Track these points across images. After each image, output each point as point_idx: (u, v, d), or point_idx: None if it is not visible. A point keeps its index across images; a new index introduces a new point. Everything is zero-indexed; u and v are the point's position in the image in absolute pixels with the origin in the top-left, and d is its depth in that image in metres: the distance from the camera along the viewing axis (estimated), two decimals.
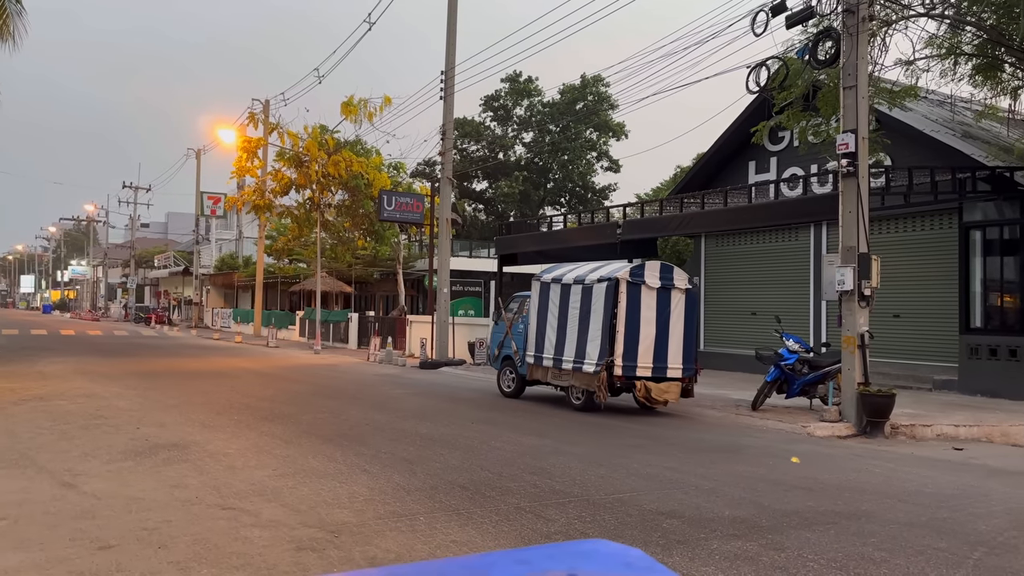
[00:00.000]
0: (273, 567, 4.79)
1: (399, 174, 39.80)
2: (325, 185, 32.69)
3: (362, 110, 30.79)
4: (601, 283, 12.31)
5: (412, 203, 29.21)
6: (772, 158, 21.08)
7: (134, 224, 61.34)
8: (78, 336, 36.01)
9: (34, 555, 4.94)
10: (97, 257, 79.33)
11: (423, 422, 11.05)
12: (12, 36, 17.15)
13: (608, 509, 6.35)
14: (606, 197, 47.94)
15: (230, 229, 56.64)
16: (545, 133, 46.80)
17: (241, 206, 36.09)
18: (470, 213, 48.08)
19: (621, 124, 45.62)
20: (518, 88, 46.46)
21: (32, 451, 8.30)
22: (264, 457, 8.26)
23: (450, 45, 22.26)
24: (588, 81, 45.32)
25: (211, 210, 45.39)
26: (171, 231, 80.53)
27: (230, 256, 53.08)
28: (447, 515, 6.03)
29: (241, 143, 33.98)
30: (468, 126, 46.03)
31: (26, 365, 19.52)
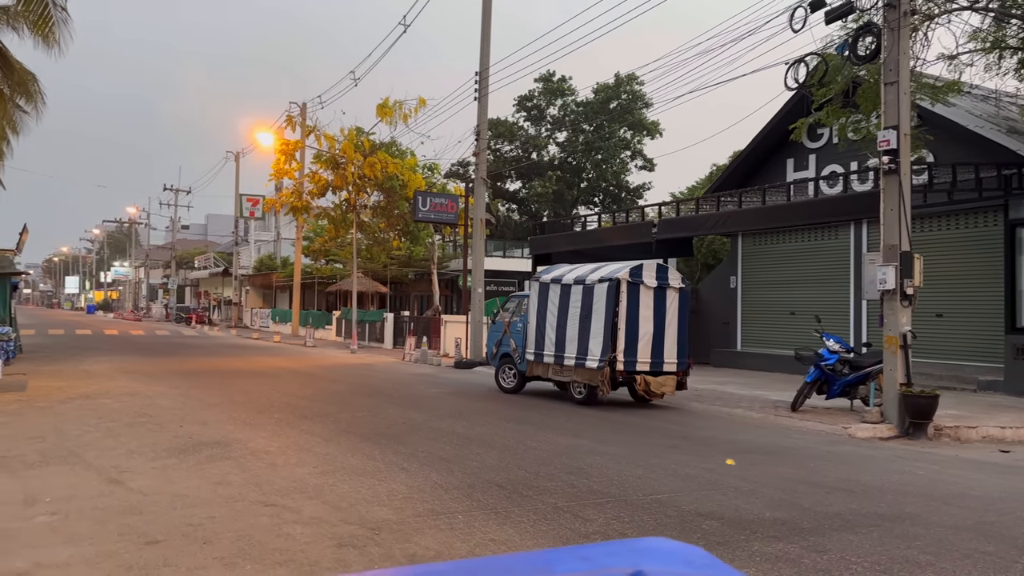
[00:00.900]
0: (315, 563, 4.86)
1: (433, 175, 40.02)
2: (361, 186, 33.00)
3: (397, 112, 31.05)
4: (602, 283, 12.90)
5: (446, 204, 29.34)
6: (811, 155, 20.79)
7: (175, 226, 62.53)
8: (121, 336, 36.80)
9: (84, 549, 5.08)
10: (139, 258, 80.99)
11: (459, 421, 11.11)
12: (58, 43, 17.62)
13: (646, 510, 6.33)
14: (640, 196, 47.67)
15: (268, 231, 57.43)
16: (579, 132, 46.70)
17: (279, 208, 36.58)
18: (503, 213, 48.16)
19: (655, 122, 45.34)
20: (551, 88, 46.41)
21: (80, 448, 8.52)
22: (304, 455, 8.38)
23: (484, 46, 22.32)
24: (622, 79, 45.11)
25: (250, 212, 46.03)
26: (211, 233, 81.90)
27: (268, 257, 53.83)
28: (485, 514, 6.06)
29: (279, 146, 34.44)
30: (501, 126, 46.12)
31: (72, 364, 20.01)
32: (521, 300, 15.43)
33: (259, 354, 26.10)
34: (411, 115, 31.14)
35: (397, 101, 30.99)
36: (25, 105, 26.30)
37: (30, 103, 25.90)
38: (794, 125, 16.96)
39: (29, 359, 21.13)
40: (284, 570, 4.74)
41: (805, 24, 12.59)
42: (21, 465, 7.62)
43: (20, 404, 12.15)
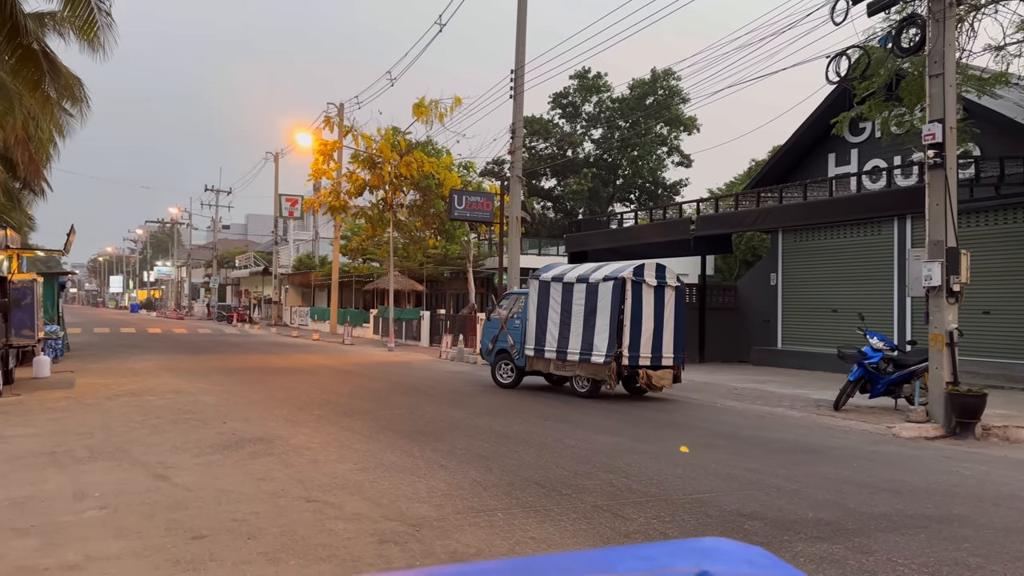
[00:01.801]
0: (358, 559, 4.91)
1: (469, 173, 40.14)
2: (397, 185, 33.23)
3: (433, 111, 31.20)
4: (607, 282, 13.47)
5: (482, 202, 29.41)
6: (853, 150, 20.43)
7: (216, 226, 63.60)
8: (164, 334, 37.54)
9: (133, 543, 5.19)
10: (181, 258, 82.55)
11: (496, 419, 11.13)
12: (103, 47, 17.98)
13: (687, 509, 6.28)
14: (677, 193, 47.25)
15: (307, 230, 58.12)
16: (614, 129, 46.44)
17: (318, 207, 37.00)
18: (538, 211, 48.11)
19: (693, 118, 44.92)
20: (587, 84, 46.21)
21: (127, 444, 8.71)
22: (345, 451, 8.47)
23: (520, 44, 22.31)
24: (658, 75, 44.76)
25: (289, 212, 46.61)
26: (251, 232, 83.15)
27: (307, 256, 54.48)
28: (524, 512, 6.07)
29: (317, 146, 34.82)
30: (537, 124, 46.05)
31: (117, 362, 20.47)
32: (517, 298, 15.84)
33: (299, 352, 26.43)
34: (447, 114, 31.29)
35: (433, 100, 31.16)
36: (71, 109, 27.00)
37: (76, 107, 26.53)
38: (835, 119, 16.67)
39: (76, 357, 21.66)
40: (327, 565, 4.79)
41: (847, 17, 12.37)
42: (71, 460, 7.82)
43: (69, 401, 12.46)
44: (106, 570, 4.67)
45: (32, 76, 18.27)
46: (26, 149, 24.02)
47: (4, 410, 11.36)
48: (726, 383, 16.51)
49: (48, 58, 18.77)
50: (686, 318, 22.75)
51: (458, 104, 31.18)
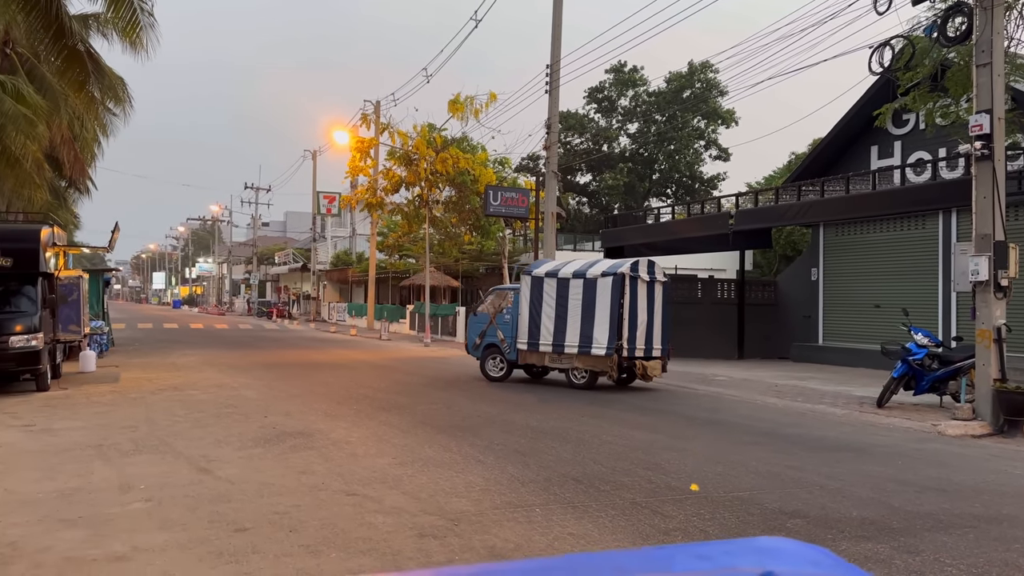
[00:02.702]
0: (398, 552, 4.93)
1: (504, 169, 40.16)
2: (433, 182, 33.39)
3: (468, 108, 31.24)
4: (606, 277, 13.99)
5: (517, 198, 29.41)
6: (896, 142, 20.00)
7: (256, 223, 64.50)
8: (206, 329, 38.20)
9: (177, 535, 5.28)
10: (222, 255, 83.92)
11: (532, 414, 11.12)
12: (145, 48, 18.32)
13: (728, 507, 6.20)
14: (715, 187, 46.73)
15: (344, 227, 58.67)
16: (650, 123, 46.06)
17: (355, 204, 37.31)
18: (573, 206, 47.94)
19: (731, 111, 44.33)
20: (623, 78, 45.88)
21: (170, 438, 8.88)
22: (383, 446, 8.53)
23: (555, 39, 22.23)
24: (695, 68, 44.27)
25: (326, 209, 47.11)
26: (289, 229, 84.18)
27: (344, 253, 55.00)
28: (562, 508, 6.05)
29: (354, 144, 35.11)
30: (572, 119, 45.86)
31: (160, 357, 20.87)
32: (506, 293, 16.14)
33: (337, 347, 26.70)
34: (482, 110, 31.30)
35: (468, 97, 31.20)
36: (114, 108, 27.57)
37: (119, 106, 27.09)
38: (878, 111, 16.31)
39: (121, 352, 22.13)
40: (367, 559, 4.83)
41: (890, 6, 12.11)
42: (117, 453, 7.99)
43: (114, 395, 12.74)
44: (152, 561, 4.76)
45: (77, 76, 18.71)
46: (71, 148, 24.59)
47: (52, 403, 11.65)
48: (766, 379, 16.30)
49: (92, 58, 19.22)
50: (725, 314, 22.73)
51: (493, 100, 31.16)
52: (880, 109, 16.27)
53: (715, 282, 24.37)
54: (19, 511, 5.82)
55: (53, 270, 14.58)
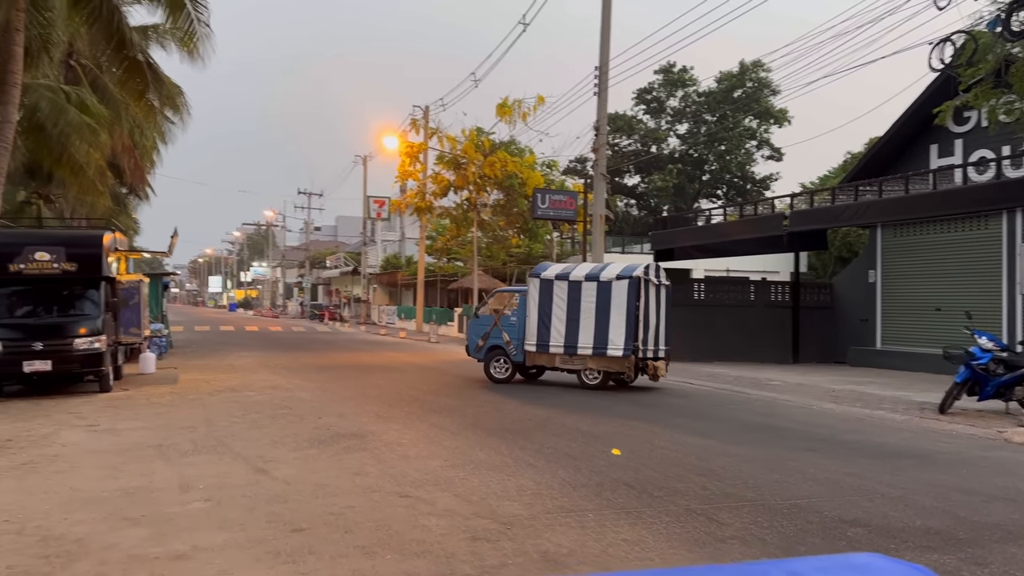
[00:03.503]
0: (451, 555, 4.94)
1: (552, 172, 40.12)
2: (481, 186, 33.53)
3: (516, 111, 31.31)
4: (620, 280, 14.31)
5: (566, 200, 29.35)
6: (957, 140, 19.40)
7: (308, 228, 65.65)
8: (261, 332, 38.96)
9: (236, 535, 5.38)
10: (275, 259, 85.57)
11: (582, 418, 11.06)
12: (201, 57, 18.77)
13: (785, 515, 6.07)
14: (767, 187, 45.91)
15: (393, 231, 59.27)
16: (700, 123, 45.50)
17: (404, 208, 37.68)
18: (622, 208, 47.62)
19: (783, 110, 43.52)
20: (672, 79, 45.43)
21: (228, 438, 9.06)
22: (435, 448, 8.57)
23: (604, 41, 22.12)
24: (747, 67, 43.60)
25: (376, 213, 47.67)
26: (340, 233, 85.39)
27: (394, 256, 55.57)
28: (616, 513, 5.99)
29: (404, 149, 35.46)
30: (620, 120, 45.57)
31: (218, 359, 21.34)
32: (510, 295, 16.21)
33: (387, 350, 26.97)
34: (530, 113, 31.34)
35: (516, 100, 31.25)
36: (172, 116, 28.34)
37: (177, 114, 27.87)
38: (938, 109, 15.86)
39: (179, 354, 22.70)
40: (422, 561, 4.85)
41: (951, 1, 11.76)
42: (176, 454, 8.18)
43: (173, 396, 13.06)
44: (211, 560, 4.85)
45: (137, 86, 19.24)
46: (132, 156, 25.36)
47: (114, 404, 12.00)
48: (822, 384, 15.94)
49: (151, 68, 19.73)
50: (779, 318, 22.31)
51: (541, 103, 31.20)
52: (940, 107, 15.82)
53: (768, 284, 23.95)
54: (85, 509, 5.99)
55: (115, 274, 15.02)
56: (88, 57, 23.94)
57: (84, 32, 19.66)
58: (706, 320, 21.91)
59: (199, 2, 16.59)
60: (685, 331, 21.55)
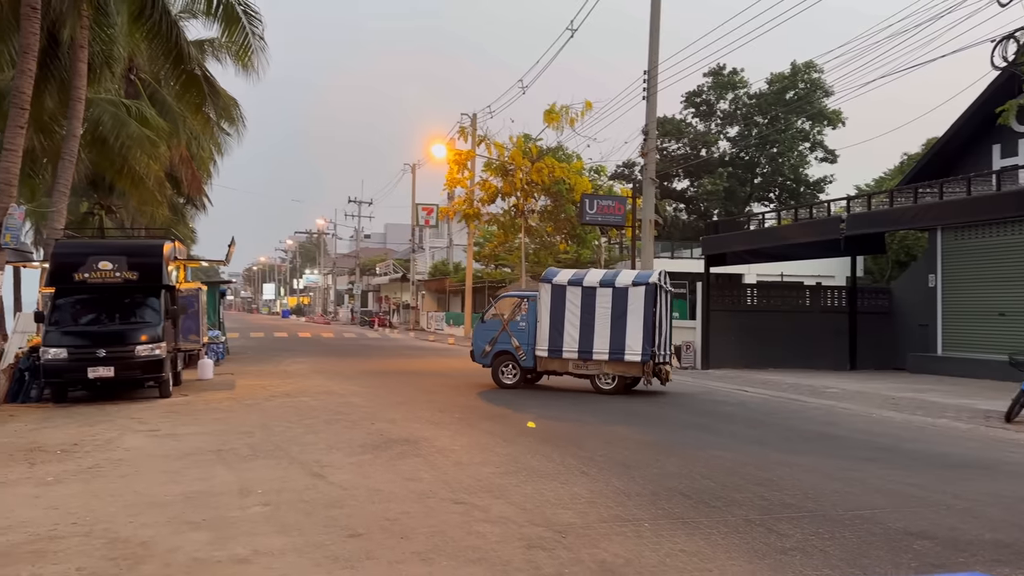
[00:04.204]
0: (507, 563, 4.93)
1: (599, 177, 39.97)
2: (529, 192, 33.58)
3: (564, 117, 31.32)
4: (637, 287, 14.52)
5: (614, 206, 29.18)
6: (1021, 140, 18.75)
7: (358, 236, 66.57)
8: (313, 338, 39.55)
9: (295, 539, 5.45)
10: (327, 266, 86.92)
11: (634, 426, 10.96)
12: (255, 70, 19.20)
13: (848, 526, 5.92)
14: (821, 190, 44.96)
15: (441, 237, 59.76)
16: (751, 126, 44.83)
17: (452, 215, 37.93)
18: (670, 213, 47.15)
19: (837, 111, 42.61)
20: (722, 81, 44.86)
21: (285, 443, 9.20)
22: (487, 454, 8.58)
23: (653, 44, 21.97)
24: (799, 68, 42.84)
25: (425, 220, 48.07)
26: (389, 241, 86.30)
27: (442, 263, 55.97)
28: (672, 523, 5.91)
29: (452, 156, 35.72)
30: (668, 124, 45.16)
31: (272, 365, 21.72)
32: (519, 301, 16.13)
33: (436, 355, 27.13)
34: (577, 119, 31.32)
35: (564, 106, 31.26)
36: (228, 128, 29.05)
37: (233, 126, 28.56)
38: (1002, 108, 15.36)
39: (235, 360, 23.16)
40: (478, 568, 4.85)
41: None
42: (235, 458, 8.34)
43: (231, 401, 13.33)
44: (271, 565, 4.92)
45: (194, 99, 19.76)
46: (189, 167, 26.05)
47: (174, 409, 12.29)
48: (881, 392, 15.52)
49: (208, 81, 20.26)
50: (835, 323, 21.82)
51: (588, 108, 31.14)
52: (1003, 106, 15.33)
53: (824, 289, 23.46)
54: (148, 512, 6.14)
55: (175, 283, 15.41)
56: (147, 71, 24.69)
57: (144, 47, 20.27)
58: (759, 326, 21.55)
59: (254, 16, 16.98)
60: (737, 337, 21.27)
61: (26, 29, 13.66)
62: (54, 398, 13.13)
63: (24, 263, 20.33)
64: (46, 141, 18.62)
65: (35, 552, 5.17)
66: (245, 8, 16.78)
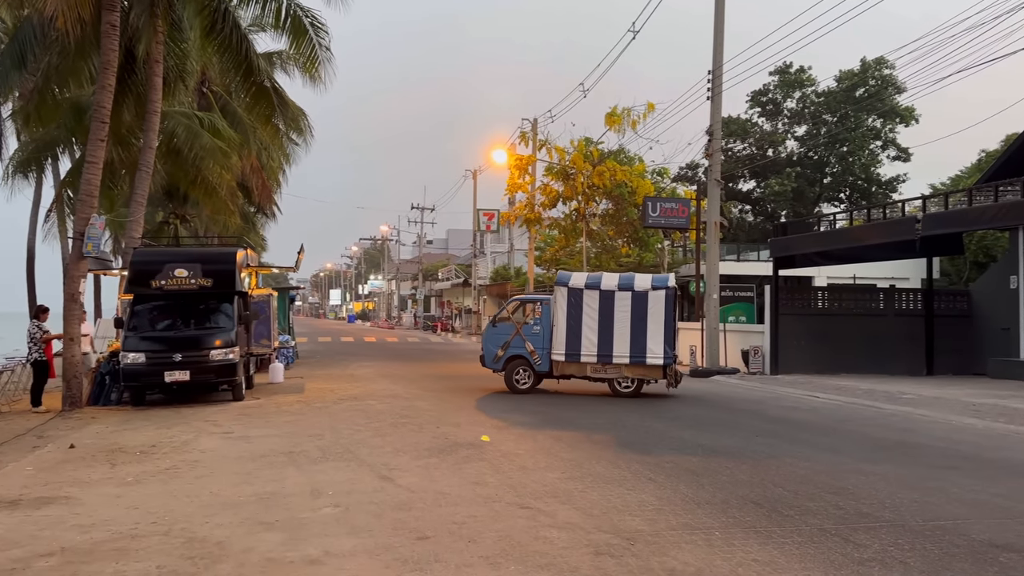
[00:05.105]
0: (575, 569, 4.90)
1: (662, 180, 39.52)
2: (590, 196, 33.41)
3: (625, 119, 31.07)
4: (657, 291, 14.72)
5: (677, 208, 28.81)
6: None
7: (421, 241, 67.32)
8: (379, 343, 40.16)
9: (365, 541, 5.53)
10: (390, 272, 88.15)
11: (702, 432, 10.77)
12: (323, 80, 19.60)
13: (928, 537, 5.69)
14: (894, 190, 43.48)
15: (503, 242, 59.93)
16: (820, 125, 43.70)
17: (513, 220, 38.03)
18: (736, 215, 46.28)
19: (910, 109, 41.19)
20: (788, 80, 43.85)
21: (353, 446, 9.35)
22: (552, 459, 8.55)
23: (718, 44, 21.65)
24: (869, 65, 41.59)
25: (486, 225, 48.36)
26: (451, 246, 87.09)
27: (503, 268, 56.15)
28: (744, 532, 5.78)
29: (513, 161, 35.82)
30: (733, 124, 44.35)
31: (340, 368, 22.13)
32: (532, 304, 16.06)
33: None
34: (639, 121, 31.03)
35: (625, 108, 31.00)
36: (296, 138, 29.76)
37: (301, 137, 29.25)
38: None
39: (304, 364, 23.67)
40: (546, 573, 4.83)
41: None
42: (306, 460, 8.51)
43: (300, 405, 13.61)
44: (343, 566, 5.00)
45: (264, 111, 20.26)
46: (260, 177, 26.76)
47: (247, 412, 12.62)
48: (960, 398, 14.91)
49: (277, 93, 20.74)
50: (910, 327, 21.07)
51: (651, 110, 30.80)
52: None
53: (898, 292, 22.67)
54: (223, 513, 6.31)
55: (247, 289, 15.83)
56: (219, 84, 25.50)
57: (215, 61, 20.90)
58: (830, 330, 20.95)
59: (320, 27, 17.31)
60: (807, 342, 20.72)
61: (106, 46, 14.22)
62: (133, 401, 13.63)
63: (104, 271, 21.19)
64: (124, 153, 19.33)
65: (118, 550, 5.36)
66: (312, 20, 17.13)
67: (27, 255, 28.80)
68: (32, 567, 5.04)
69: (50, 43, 16.24)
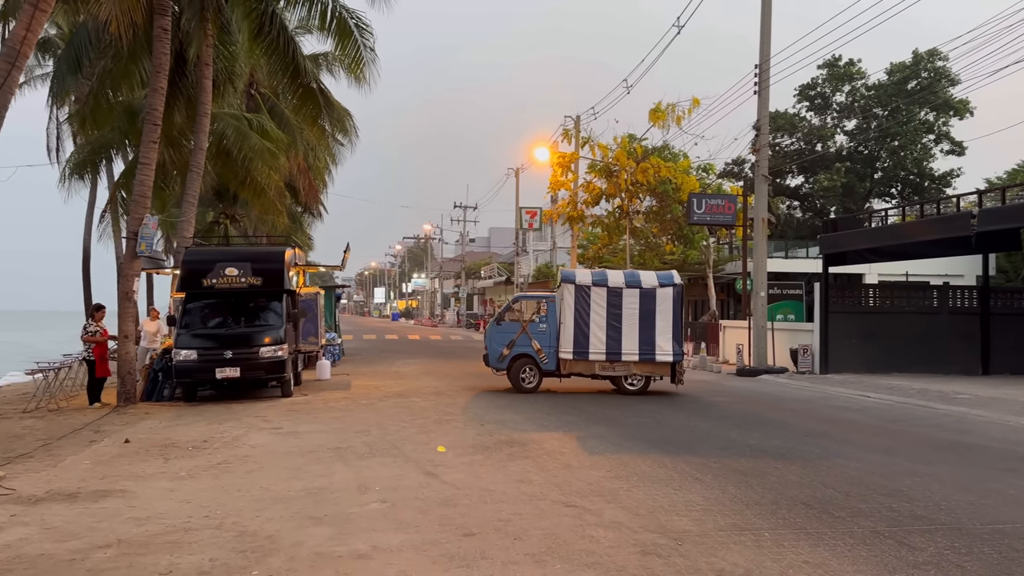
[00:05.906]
0: (622, 569, 4.87)
1: (707, 176, 39.02)
2: (634, 193, 33.15)
3: (670, 115, 30.78)
4: (665, 288, 14.85)
5: (723, 204, 28.46)
6: None
7: (464, 240, 67.61)
8: (422, 340, 40.48)
9: (411, 536, 5.57)
10: (433, 270, 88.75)
11: (750, 432, 10.62)
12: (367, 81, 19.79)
13: (986, 541, 5.53)
14: (948, 184, 42.29)
15: (544, 240, 59.80)
16: (870, 119, 42.71)
17: (556, 218, 37.95)
18: (783, 211, 45.49)
19: (964, 101, 40.01)
20: (837, 73, 42.94)
21: (399, 442, 9.43)
22: (596, 458, 8.52)
23: (764, 37, 21.32)
24: (921, 57, 40.51)
25: (528, 224, 48.31)
26: (493, 244, 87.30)
27: (545, 266, 56.05)
28: (794, 533, 5.69)
29: (555, 159, 35.75)
30: (781, 119, 43.59)
31: (385, 366, 22.35)
32: (537, 302, 15.89)
33: None
34: (684, 117, 30.70)
35: (670, 104, 30.70)
36: (342, 139, 30.12)
37: (346, 137, 29.60)
38: None
39: (350, 361, 23.96)
40: (592, 572, 4.81)
41: None
42: (354, 456, 8.61)
43: (347, 401, 13.78)
44: (390, 561, 5.05)
45: (311, 112, 20.56)
46: (306, 177, 27.12)
47: (295, 408, 12.81)
48: (1018, 398, 14.45)
49: (323, 94, 21.01)
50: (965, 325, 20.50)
51: (696, 106, 30.45)
52: None
53: (952, 289, 22.07)
54: (273, 507, 6.42)
55: (295, 288, 16.07)
56: (267, 86, 25.91)
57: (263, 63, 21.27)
58: (882, 328, 20.49)
59: (365, 29, 17.48)
60: (858, 341, 20.29)
61: (158, 50, 14.56)
62: (185, 397, 13.94)
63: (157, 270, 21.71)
64: (175, 155, 19.78)
65: (172, 543, 5.49)
66: (357, 22, 17.30)
67: (83, 254, 29.70)
68: (91, 558, 5.18)
69: (104, 48, 16.71)
